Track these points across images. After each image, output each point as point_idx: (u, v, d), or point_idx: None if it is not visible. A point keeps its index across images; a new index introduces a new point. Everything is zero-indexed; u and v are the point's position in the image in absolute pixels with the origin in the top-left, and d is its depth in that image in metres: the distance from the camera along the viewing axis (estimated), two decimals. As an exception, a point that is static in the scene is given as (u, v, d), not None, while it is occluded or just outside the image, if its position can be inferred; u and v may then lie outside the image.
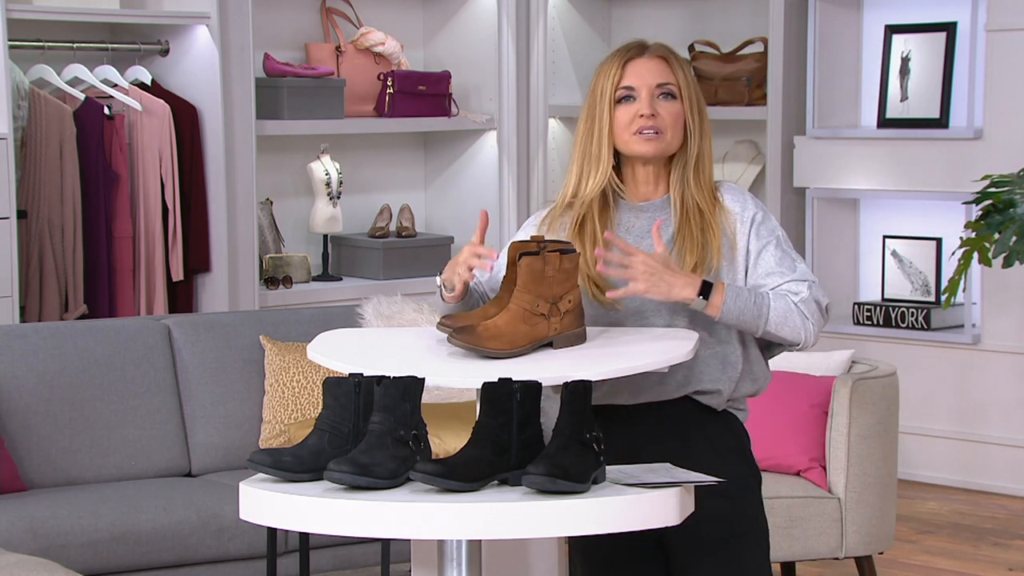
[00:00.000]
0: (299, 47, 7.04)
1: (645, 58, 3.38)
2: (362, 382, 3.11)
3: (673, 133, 3.36)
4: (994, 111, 6.60)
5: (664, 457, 3.27)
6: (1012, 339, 6.61)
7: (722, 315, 3.26)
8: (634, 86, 3.36)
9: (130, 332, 5.08)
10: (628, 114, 3.36)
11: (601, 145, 3.38)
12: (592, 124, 3.39)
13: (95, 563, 4.47)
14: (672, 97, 3.37)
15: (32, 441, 4.84)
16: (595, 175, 3.38)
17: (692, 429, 3.36)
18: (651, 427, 3.36)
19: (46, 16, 5.97)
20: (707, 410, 3.37)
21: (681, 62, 3.42)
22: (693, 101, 3.39)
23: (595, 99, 3.39)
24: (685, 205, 3.36)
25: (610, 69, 3.38)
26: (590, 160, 3.39)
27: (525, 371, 3.13)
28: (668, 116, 3.35)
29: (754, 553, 3.38)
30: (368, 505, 2.89)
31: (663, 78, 3.37)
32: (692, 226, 3.35)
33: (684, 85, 3.38)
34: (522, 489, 2.96)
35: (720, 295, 3.25)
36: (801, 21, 7.06)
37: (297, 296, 6.66)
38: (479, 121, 7.22)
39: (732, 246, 3.36)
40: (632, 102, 3.36)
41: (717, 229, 3.35)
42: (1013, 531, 6.11)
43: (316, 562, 4.65)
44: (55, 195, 5.87)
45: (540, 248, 3.30)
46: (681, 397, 3.36)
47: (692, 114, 3.38)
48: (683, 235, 3.34)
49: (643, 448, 3.33)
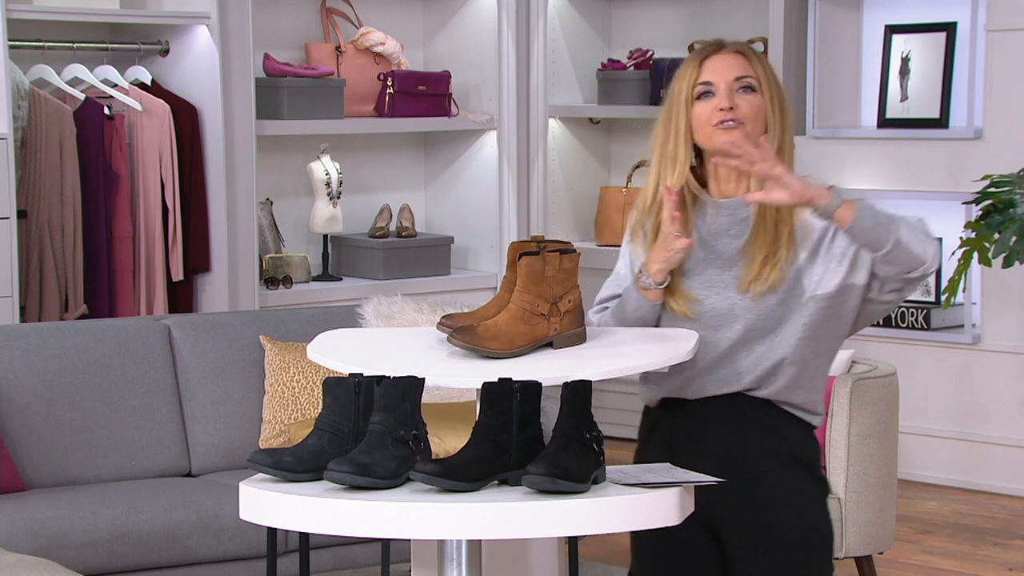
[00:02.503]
0: (299, 47, 7.04)
1: (722, 54, 3.35)
2: (362, 382, 3.11)
3: (754, 125, 3.31)
4: (994, 111, 6.60)
5: (722, 456, 3.27)
6: (1012, 339, 6.61)
7: (857, 219, 3.17)
8: (712, 81, 3.32)
9: (130, 332, 5.08)
10: (707, 109, 3.31)
11: (678, 145, 3.34)
12: (669, 125, 3.35)
13: (95, 563, 4.47)
14: (752, 90, 3.33)
15: (32, 441, 4.84)
16: (672, 176, 3.34)
17: (754, 431, 3.33)
18: (712, 423, 3.34)
19: (46, 16, 5.97)
20: (773, 412, 3.34)
21: (760, 57, 3.37)
22: (774, 95, 3.34)
23: (672, 100, 3.35)
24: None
25: (687, 69, 3.35)
26: (667, 161, 3.35)
27: (525, 371, 3.13)
28: (748, 108, 3.31)
29: (811, 564, 3.35)
30: (368, 505, 2.89)
31: (741, 71, 3.33)
32: (767, 221, 3.30)
33: (764, 78, 3.34)
34: (522, 489, 2.96)
35: (851, 207, 3.18)
36: (801, 21, 7.06)
37: (297, 296, 6.65)
38: (479, 121, 7.22)
39: (806, 238, 3.30)
40: (711, 97, 3.32)
41: (792, 222, 3.30)
42: (1013, 531, 6.11)
43: (316, 562, 4.65)
44: (55, 195, 5.87)
45: (540, 248, 3.30)
46: (747, 396, 3.33)
47: (773, 107, 3.34)
48: (756, 231, 3.31)
49: (701, 445, 3.32)
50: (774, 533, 3.29)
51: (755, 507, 3.30)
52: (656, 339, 3.37)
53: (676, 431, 3.37)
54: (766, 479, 3.31)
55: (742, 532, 3.31)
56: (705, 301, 3.32)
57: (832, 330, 3.34)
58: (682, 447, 3.35)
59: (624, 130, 7.92)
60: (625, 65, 7.58)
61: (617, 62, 7.62)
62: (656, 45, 7.64)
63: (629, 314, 3.35)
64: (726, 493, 3.25)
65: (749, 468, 3.30)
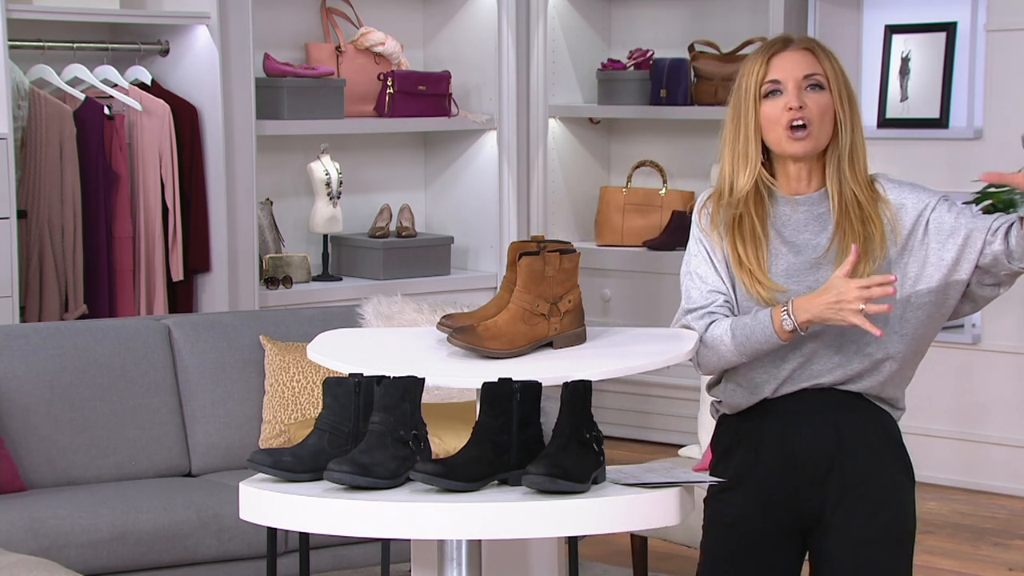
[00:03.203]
0: (299, 47, 7.04)
1: (790, 51, 3.32)
2: (362, 382, 3.11)
3: (821, 126, 3.29)
4: (994, 111, 6.60)
5: (818, 452, 3.27)
6: (1012, 339, 6.61)
7: None
8: (780, 79, 3.29)
9: (130, 332, 5.08)
10: (776, 108, 3.29)
11: (748, 143, 3.31)
12: (739, 122, 3.32)
13: (95, 563, 4.47)
14: (820, 88, 3.30)
15: (32, 441, 4.83)
16: (745, 173, 3.31)
17: (848, 426, 3.31)
18: (803, 419, 3.32)
19: (46, 16, 5.96)
20: (862, 404, 3.32)
21: (828, 53, 3.34)
22: (842, 92, 3.31)
23: (740, 97, 3.33)
24: (844, 198, 3.30)
25: (754, 66, 3.32)
26: (738, 159, 3.33)
27: (525, 371, 3.13)
28: (816, 107, 3.28)
29: (896, 558, 3.34)
30: (368, 505, 2.89)
31: (810, 69, 3.30)
32: (852, 219, 3.28)
33: (832, 76, 3.31)
34: (522, 489, 2.96)
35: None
36: (801, 21, 7.06)
37: (297, 296, 6.65)
38: (479, 121, 7.22)
39: (895, 232, 3.29)
40: (779, 96, 3.29)
41: (879, 220, 3.28)
42: (1013, 531, 6.11)
43: (316, 562, 4.65)
44: (55, 195, 5.87)
45: (540, 248, 3.30)
46: (839, 391, 3.31)
47: (842, 105, 3.31)
48: (843, 229, 3.28)
49: (794, 443, 3.31)
50: (870, 527, 3.29)
51: (850, 502, 3.29)
52: (656, 339, 3.37)
53: (763, 433, 3.33)
54: (862, 473, 3.30)
55: (836, 528, 3.30)
56: (793, 295, 3.28)
57: (933, 327, 3.33)
58: (773, 447, 3.32)
59: (624, 130, 7.92)
60: (625, 65, 7.58)
61: (617, 62, 7.62)
62: (656, 45, 7.64)
63: (753, 344, 3.24)
64: (814, 488, 3.28)
65: (844, 463, 3.29)
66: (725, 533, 3.36)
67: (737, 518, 3.33)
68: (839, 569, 3.32)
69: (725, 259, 3.33)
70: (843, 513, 3.30)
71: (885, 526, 3.31)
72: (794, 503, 3.31)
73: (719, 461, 3.40)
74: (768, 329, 3.22)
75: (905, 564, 3.36)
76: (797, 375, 3.30)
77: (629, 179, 7.70)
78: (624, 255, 7.56)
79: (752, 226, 3.30)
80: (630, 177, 7.70)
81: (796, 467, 3.30)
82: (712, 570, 3.40)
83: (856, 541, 3.30)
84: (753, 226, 3.30)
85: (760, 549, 3.35)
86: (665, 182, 7.62)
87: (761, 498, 3.32)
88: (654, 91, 7.46)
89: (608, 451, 3.13)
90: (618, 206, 7.64)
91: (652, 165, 7.66)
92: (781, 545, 3.36)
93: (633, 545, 4.92)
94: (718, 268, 3.33)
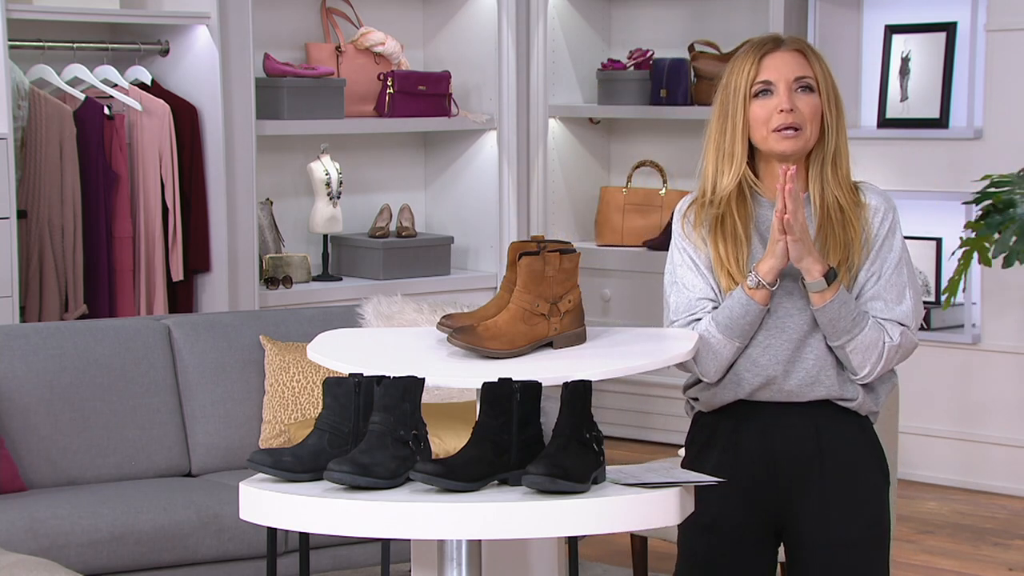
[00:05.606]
0: (299, 47, 7.04)
1: (781, 51, 3.31)
2: (362, 382, 3.11)
3: (811, 128, 3.29)
4: (994, 111, 6.60)
5: (795, 455, 3.29)
6: (1012, 339, 6.60)
7: (822, 308, 3.21)
8: (771, 80, 3.29)
9: (130, 332, 5.08)
10: (766, 109, 3.29)
11: (735, 142, 3.31)
12: (725, 121, 3.32)
13: (95, 563, 4.47)
14: (810, 90, 3.30)
15: (32, 441, 4.84)
16: (729, 172, 3.32)
17: (824, 428, 3.32)
18: (780, 421, 3.33)
19: (46, 16, 5.97)
20: (833, 409, 3.32)
21: (818, 55, 3.34)
22: (831, 95, 3.32)
23: (728, 95, 3.32)
24: (825, 202, 3.31)
25: (744, 65, 3.31)
26: (723, 157, 3.33)
27: (525, 371, 3.13)
28: (807, 110, 3.28)
29: (875, 559, 3.35)
30: (368, 505, 2.89)
31: (801, 71, 3.30)
32: (834, 224, 3.29)
33: (822, 78, 3.31)
34: (522, 489, 2.96)
35: (833, 292, 3.21)
36: (801, 21, 7.06)
37: (297, 296, 6.65)
38: (479, 121, 7.22)
39: (868, 240, 3.30)
40: (769, 96, 3.29)
41: (858, 226, 3.30)
42: (1013, 531, 6.10)
43: (316, 562, 4.65)
44: (55, 195, 5.87)
45: (540, 248, 3.30)
46: (820, 400, 3.32)
47: (829, 108, 3.31)
48: (825, 234, 3.29)
49: (772, 445, 3.32)
50: (851, 528, 3.29)
51: (831, 503, 3.29)
52: (656, 339, 3.37)
53: (742, 432, 3.34)
54: (842, 473, 3.30)
55: (815, 529, 3.30)
56: (774, 300, 3.29)
57: None
58: (752, 447, 3.33)
59: (624, 130, 7.92)
60: (625, 65, 7.58)
61: (617, 62, 7.62)
62: (656, 45, 7.64)
63: (737, 320, 3.24)
64: (794, 488, 3.28)
65: (824, 463, 3.29)
66: (703, 533, 3.35)
67: (716, 517, 3.33)
68: (819, 570, 3.31)
69: (709, 261, 3.33)
70: (823, 513, 3.29)
71: (866, 527, 3.31)
72: (773, 503, 3.31)
73: (694, 460, 3.39)
74: (743, 298, 3.24)
75: (883, 564, 3.37)
76: (778, 381, 3.29)
77: (629, 179, 7.70)
78: (624, 255, 7.56)
79: (734, 227, 3.31)
80: (630, 177, 7.70)
81: (776, 467, 3.30)
82: (690, 570, 3.40)
83: (835, 542, 3.30)
84: (735, 227, 3.30)
85: (738, 548, 3.34)
86: (665, 182, 7.62)
87: (740, 498, 3.32)
88: (654, 91, 7.46)
89: (608, 451, 3.13)
90: (618, 206, 7.64)
91: (652, 165, 7.66)
92: (759, 545, 3.36)
93: (633, 545, 4.92)
94: (704, 273, 3.33)
